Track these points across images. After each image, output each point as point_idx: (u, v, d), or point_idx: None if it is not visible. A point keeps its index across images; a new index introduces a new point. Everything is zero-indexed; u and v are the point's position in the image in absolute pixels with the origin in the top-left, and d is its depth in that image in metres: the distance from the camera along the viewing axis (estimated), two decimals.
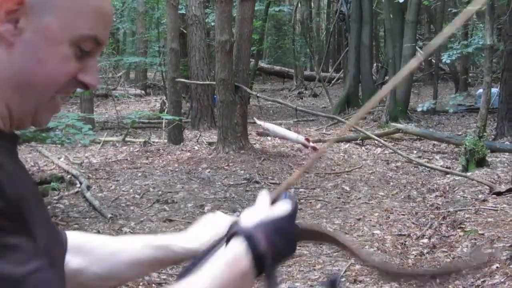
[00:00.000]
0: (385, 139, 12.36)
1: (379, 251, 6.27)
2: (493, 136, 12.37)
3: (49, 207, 7.68)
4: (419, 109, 14.66)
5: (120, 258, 1.38)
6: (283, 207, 1.21)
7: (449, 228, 6.79)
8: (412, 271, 1.15)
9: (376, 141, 12.00)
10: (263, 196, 1.27)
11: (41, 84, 1.03)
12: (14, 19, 1.00)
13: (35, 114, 1.07)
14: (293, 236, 1.21)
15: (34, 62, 1.02)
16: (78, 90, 1.16)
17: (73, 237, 1.35)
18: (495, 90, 14.12)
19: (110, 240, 1.45)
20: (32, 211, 1.00)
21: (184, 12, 16.33)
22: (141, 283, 5.26)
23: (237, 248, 1.12)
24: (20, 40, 1.01)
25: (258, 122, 11.60)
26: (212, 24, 16.45)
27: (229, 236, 1.16)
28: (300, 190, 8.99)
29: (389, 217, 7.58)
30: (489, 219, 6.73)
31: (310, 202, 8.43)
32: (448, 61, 14.25)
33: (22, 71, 1.02)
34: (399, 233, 6.93)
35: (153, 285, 5.37)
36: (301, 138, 11.47)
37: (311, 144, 11.17)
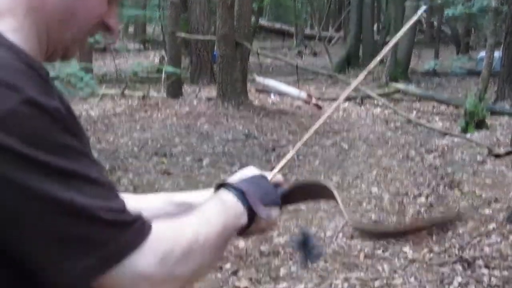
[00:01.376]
0: (385, 99, 12.33)
1: (376, 209, 6.28)
2: (493, 99, 12.34)
3: None
4: (425, 67, 14.61)
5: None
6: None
7: (446, 188, 6.81)
8: (386, 229, 1.23)
9: (375, 101, 11.98)
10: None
11: (83, 17, 1.08)
12: None
13: (68, 47, 1.11)
14: (266, 184, 1.37)
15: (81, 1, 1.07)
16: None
17: None
18: (497, 53, 14.04)
19: (130, 197, 1.44)
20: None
21: None
22: None
23: (224, 194, 1.28)
24: None
25: (258, 78, 11.54)
26: None
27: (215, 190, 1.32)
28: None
29: (387, 176, 7.58)
30: (487, 181, 6.75)
31: (309, 159, 8.43)
32: (451, 14, 14.19)
33: (70, 2, 1.06)
34: (397, 191, 6.93)
35: None
36: (303, 94, 11.43)
37: (314, 101, 11.12)
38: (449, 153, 8.32)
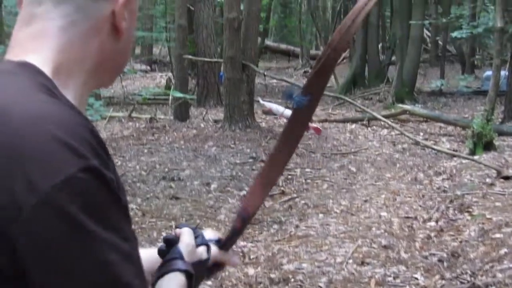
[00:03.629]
0: (392, 120, 12.30)
1: (386, 233, 6.26)
2: (500, 120, 12.31)
3: None
4: (432, 85, 14.61)
5: None
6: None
7: (456, 212, 6.77)
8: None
9: (382, 122, 11.96)
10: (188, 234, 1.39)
11: (127, 60, 1.14)
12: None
13: (113, 77, 1.17)
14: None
15: (129, 42, 1.11)
16: None
17: None
18: (502, 73, 14.02)
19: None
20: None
21: None
22: None
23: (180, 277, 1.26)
24: (124, 29, 1.08)
25: (262, 101, 11.55)
26: (219, 0, 16.36)
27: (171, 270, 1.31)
28: (307, 170, 8.97)
29: (395, 199, 7.56)
30: (497, 204, 6.71)
31: (317, 183, 8.42)
32: (459, 36, 14.25)
33: (122, 53, 1.11)
34: (406, 215, 6.91)
35: None
36: None
37: (313, 125, 11.12)
38: (457, 176, 8.29)
